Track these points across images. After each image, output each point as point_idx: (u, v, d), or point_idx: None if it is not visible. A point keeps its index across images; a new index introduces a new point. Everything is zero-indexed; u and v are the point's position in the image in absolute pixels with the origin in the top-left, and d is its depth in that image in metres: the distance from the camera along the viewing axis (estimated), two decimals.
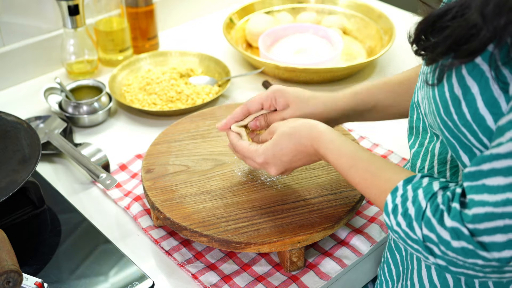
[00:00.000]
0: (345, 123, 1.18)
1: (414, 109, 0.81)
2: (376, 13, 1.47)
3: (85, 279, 0.86)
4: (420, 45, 0.67)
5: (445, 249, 0.61)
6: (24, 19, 1.28)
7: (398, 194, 0.66)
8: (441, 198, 0.62)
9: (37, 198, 0.97)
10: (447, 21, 0.62)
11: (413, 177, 0.67)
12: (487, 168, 0.58)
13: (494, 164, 0.57)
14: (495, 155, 0.57)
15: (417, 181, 0.66)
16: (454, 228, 0.59)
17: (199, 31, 1.55)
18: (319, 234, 0.86)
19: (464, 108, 0.63)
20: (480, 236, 0.58)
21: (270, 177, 0.94)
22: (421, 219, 0.62)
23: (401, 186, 0.66)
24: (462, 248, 0.59)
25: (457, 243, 0.59)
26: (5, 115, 1.03)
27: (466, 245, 0.59)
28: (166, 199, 0.90)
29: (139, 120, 1.21)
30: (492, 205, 0.57)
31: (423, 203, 0.63)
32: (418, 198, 0.64)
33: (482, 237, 0.58)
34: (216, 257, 0.91)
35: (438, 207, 0.61)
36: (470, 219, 0.58)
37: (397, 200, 0.66)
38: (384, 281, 0.88)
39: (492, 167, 0.58)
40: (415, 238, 0.63)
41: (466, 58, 0.60)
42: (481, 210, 0.58)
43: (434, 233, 0.61)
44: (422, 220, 0.62)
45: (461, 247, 0.59)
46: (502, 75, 0.58)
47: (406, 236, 0.65)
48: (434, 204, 0.62)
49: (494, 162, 0.57)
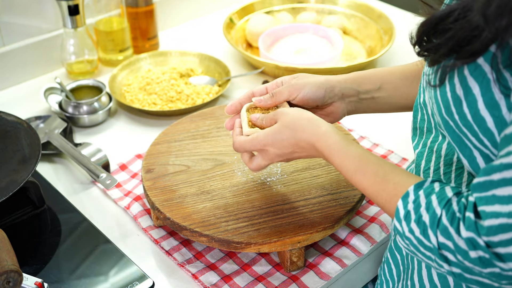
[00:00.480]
0: (346, 122, 1.18)
1: (418, 110, 0.81)
2: (376, 13, 1.47)
3: (85, 279, 0.86)
4: (422, 46, 0.67)
5: (462, 258, 0.60)
6: (24, 19, 1.28)
7: (409, 200, 0.65)
8: (456, 205, 0.61)
9: (37, 198, 0.97)
10: (449, 23, 0.62)
11: (423, 182, 0.66)
12: (498, 178, 0.57)
13: (505, 174, 0.57)
14: (505, 165, 0.57)
15: (428, 186, 0.65)
16: (470, 238, 0.59)
17: (199, 31, 1.55)
18: (319, 234, 0.86)
19: (465, 109, 0.63)
20: (496, 248, 0.57)
21: (270, 177, 0.94)
22: (437, 227, 0.61)
23: (412, 191, 0.65)
24: (479, 257, 0.59)
25: (474, 253, 0.59)
26: (5, 115, 1.03)
27: (483, 254, 0.58)
28: (166, 199, 0.90)
29: (139, 120, 1.21)
30: (506, 216, 0.56)
31: (438, 210, 0.62)
32: (432, 205, 0.62)
33: (497, 249, 0.57)
34: (216, 257, 0.91)
35: (454, 215, 0.61)
36: (485, 232, 0.58)
37: (409, 206, 0.65)
38: (385, 281, 0.88)
39: (502, 177, 0.57)
40: (429, 245, 0.63)
41: (468, 58, 0.60)
42: (495, 221, 0.57)
43: (451, 241, 0.60)
44: (438, 228, 0.61)
45: (478, 257, 0.59)
46: (503, 78, 0.58)
47: (419, 243, 0.64)
48: (450, 212, 0.61)
49: (504, 172, 0.57)
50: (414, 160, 0.83)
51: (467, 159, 0.67)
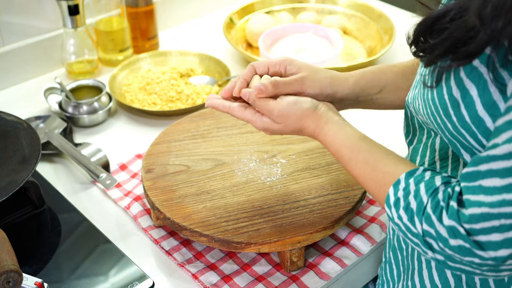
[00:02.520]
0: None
1: (407, 107, 0.81)
2: (376, 13, 1.47)
3: (85, 279, 0.86)
4: (418, 46, 0.67)
5: (443, 245, 0.61)
6: (24, 19, 1.28)
7: (400, 187, 0.66)
8: (441, 194, 0.62)
9: (37, 198, 0.97)
10: (445, 23, 0.62)
11: (415, 170, 0.67)
12: (484, 169, 0.59)
13: (491, 165, 0.58)
14: (492, 157, 0.58)
15: (419, 174, 0.66)
16: (451, 226, 0.60)
17: (199, 31, 1.55)
18: (319, 234, 0.86)
19: (463, 111, 0.63)
20: (477, 236, 0.59)
21: (270, 177, 0.94)
22: (422, 214, 0.63)
23: (403, 179, 0.67)
24: (459, 246, 0.60)
25: (454, 241, 0.60)
26: (5, 115, 1.03)
27: (463, 243, 0.60)
28: (166, 199, 0.90)
29: (139, 120, 1.21)
30: (488, 205, 0.58)
31: (425, 198, 0.63)
32: (420, 193, 0.64)
33: (479, 237, 0.58)
34: (216, 257, 0.91)
35: (438, 204, 0.62)
36: (467, 219, 0.59)
37: (399, 193, 0.66)
38: (385, 281, 0.88)
39: (489, 168, 0.58)
40: (416, 232, 0.64)
41: (464, 60, 0.61)
42: (477, 210, 0.58)
43: (433, 228, 0.62)
44: (423, 216, 0.63)
45: (458, 245, 0.60)
46: (500, 76, 0.59)
47: (406, 229, 0.65)
48: (435, 200, 0.62)
49: (491, 163, 0.58)
50: (409, 156, 0.83)
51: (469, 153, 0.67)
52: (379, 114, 1.23)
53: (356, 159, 0.73)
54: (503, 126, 0.58)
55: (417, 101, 0.72)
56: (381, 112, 1.23)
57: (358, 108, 0.90)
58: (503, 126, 0.58)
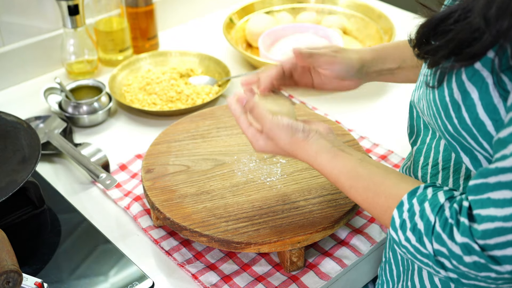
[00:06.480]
0: (346, 122, 1.18)
1: (412, 108, 0.81)
2: (376, 13, 1.47)
3: (85, 279, 0.86)
4: (422, 48, 0.67)
5: (457, 263, 0.60)
6: (24, 19, 1.28)
7: (404, 209, 0.65)
8: (448, 211, 0.61)
9: (37, 198, 0.97)
10: (449, 24, 0.62)
11: (416, 189, 0.66)
12: (493, 181, 0.57)
13: (500, 178, 0.57)
14: (501, 169, 0.57)
15: (421, 193, 0.65)
16: (465, 243, 0.59)
17: (199, 31, 1.55)
18: (319, 234, 0.86)
19: (464, 113, 0.63)
20: (491, 251, 0.58)
21: (270, 177, 0.94)
22: (432, 234, 0.62)
23: (406, 200, 0.65)
24: (474, 262, 0.59)
25: (469, 258, 0.59)
26: (5, 115, 1.03)
27: (478, 259, 0.58)
28: (166, 199, 0.90)
29: (139, 120, 1.21)
30: (501, 219, 0.56)
31: (432, 218, 0.62)
32: (425, 213, 0.63)
33: (494, 251, 0.57)
34: (216, 257, 0.91)
35: (447, 221, 0.61)
36: (480, 235, 0.58)
37: (404, 215, 0.65)
38: (385, 281, 0.88)
39: (498, 181, 0.57)
40: (426, 252, 0.63)
41: (468, 61, 0.60)
42: (490, 225, 0.57)
43: (445, 247, 0.60)
44: (433, 235, 0.62)
45: (473, 262, 0.59)
46: (502, 81, 0.58)
47: (415, 251, 0.64)
48: (443, 218, 0.61)
49: (500, 176, 0.57)
50: (412, 157, 0.83)
51: (468, 157, 0.67)
52: (382, 114, 1.23)
53: (356, 186, 0.71)
54: (510, 137, 0.57)
55: (422, 102, 0.72)
56: (385, 111, 1.24)
57: (376, 81, 0.93)
58: (510, 137, 0.57)
